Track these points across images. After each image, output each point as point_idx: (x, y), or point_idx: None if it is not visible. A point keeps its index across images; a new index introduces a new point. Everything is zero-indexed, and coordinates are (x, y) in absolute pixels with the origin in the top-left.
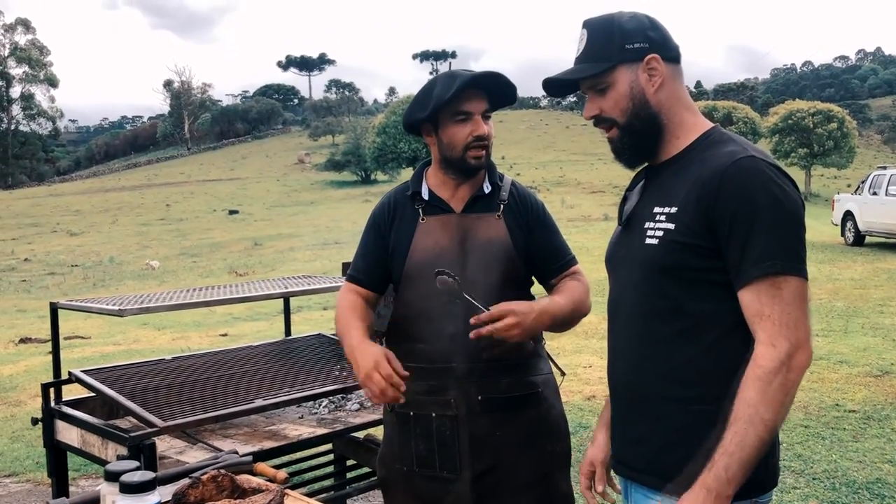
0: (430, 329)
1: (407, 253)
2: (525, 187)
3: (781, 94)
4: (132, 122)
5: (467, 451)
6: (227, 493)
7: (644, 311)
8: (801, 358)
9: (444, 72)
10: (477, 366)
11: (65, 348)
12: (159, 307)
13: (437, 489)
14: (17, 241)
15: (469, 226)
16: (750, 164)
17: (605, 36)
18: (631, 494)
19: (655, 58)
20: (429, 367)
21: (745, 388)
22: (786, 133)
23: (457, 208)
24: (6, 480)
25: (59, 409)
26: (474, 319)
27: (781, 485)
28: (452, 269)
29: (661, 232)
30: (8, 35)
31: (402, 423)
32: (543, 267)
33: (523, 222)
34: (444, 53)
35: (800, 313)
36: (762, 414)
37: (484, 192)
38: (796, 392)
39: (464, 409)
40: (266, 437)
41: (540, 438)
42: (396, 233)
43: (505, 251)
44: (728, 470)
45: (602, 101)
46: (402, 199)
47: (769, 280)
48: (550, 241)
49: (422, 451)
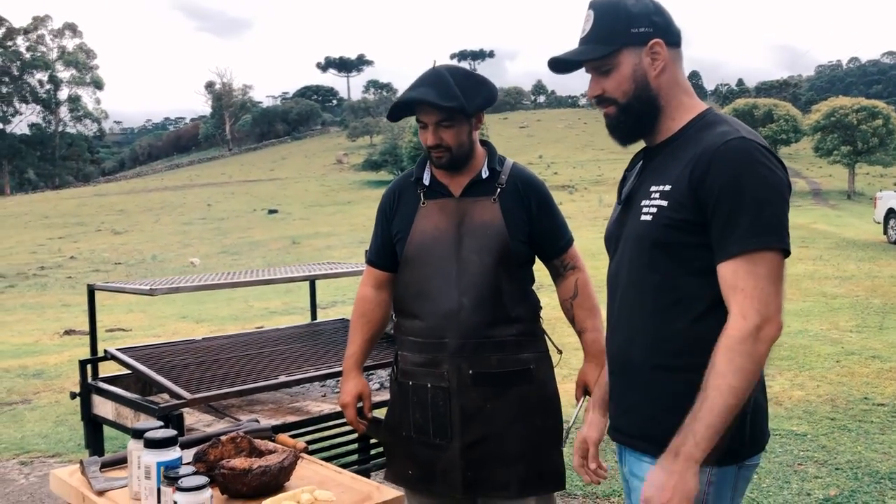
0: (426, 307)
1: (408, 236)
2: (527, 170)
3: (826, 92)
4: (175, 123)
5: (458, 421)
6: (246, 454)
7: (637, 284)
8: (770, 330)
9: (412, 83)
10: (468, 342)
11: (106, 339)
12: (188, 287)
13: (431, 455)
14: (63, 240)
15: (466, 209)
16: (739, 145)
17: (612, 19)
18: (626, 458)
19: (659, 42)
20: (424, 341)
21: (716, 357)
22: (828, 130)
23: (455, 192)
24: (50, 461)
25: (95, 385)
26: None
27: (803, 474)
28: (448, 251)
29: (654, 209)
30: (56, 39)
31: (402, 392)
32: (545, 247)
33: (523, 205)
34: (482, 53)
35: (772, 288)
36: (729, 381)
37: (482, 177)
38: (765, 362)
39: (455, 382)
40: (289, 412)
41: (531, 414)
42: (400, 216)
43: (499, 234)
44: (696, 434)
45: (605, 82)
46: (406, 185)
47: (747, 256)
48: (551, 223)
49: (418, 418)
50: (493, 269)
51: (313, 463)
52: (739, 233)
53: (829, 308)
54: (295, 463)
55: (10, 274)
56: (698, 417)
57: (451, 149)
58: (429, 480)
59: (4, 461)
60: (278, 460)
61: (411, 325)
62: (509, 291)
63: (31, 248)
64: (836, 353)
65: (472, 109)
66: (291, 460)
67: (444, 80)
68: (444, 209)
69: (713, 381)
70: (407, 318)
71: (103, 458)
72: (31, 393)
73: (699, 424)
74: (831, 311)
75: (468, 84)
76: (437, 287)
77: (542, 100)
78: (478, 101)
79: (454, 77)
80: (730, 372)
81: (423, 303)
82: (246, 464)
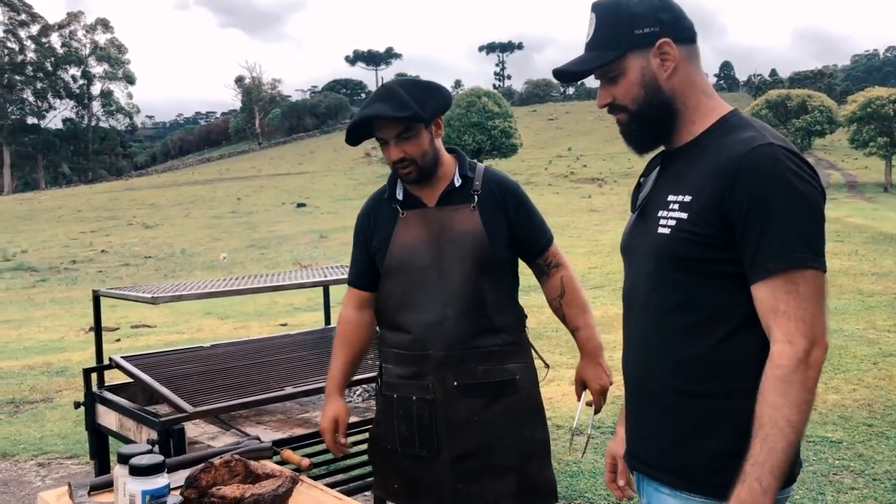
0: (409, 318)
1: (388, 247)
2: (500, 173)
3: (862, 82)
4: (206, 117)
5: (445, 433)
6: (240, 478)
7: (655, 303)
8: (819, 354)
9: (366, 101)
10: (453, 353)
11: (131, 336)
12: (191, 294)
13: (417, 467)
14: (95, 234)
15: (444, 219)
16: (768, 152)
17: (613, 21)
18: (644, 488)
19: (667, 42)
20: (409, 353)
21: (767, 390)
22: (864, 122)
23: (430, 204)
24: (67, 462)
25: (100, 394)
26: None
27: (838, 485)
28: (429, 261)
29: (673, 221)
30: (89, 35)
31: (387, 404)
32: (527, 249)
33: (501, 209)
34: (511, 45)
35: (816, 308)
36: (787, 416)
37: (455, 185)
38: (816, 389)
39: (440, 394)
40: (298, 424)
41: (519, 425)
42: (378, 232)
43: (479, 242)
44: (761, 481)
45: (614, 89)
46: (380, 203)
47: (786, 275)
48: (531, 223)
49: (403, 431)
50: (475, 278)
51: (313, 488)
52: (774, 250)
53: (865, 306)
54: (291, 490)
55: (42, 268)
56: (760, 461)
57: (416, 160)
58: (414, 494)
59: (23, 462)
60: (272, 488)
61: (394, 338)
62: (493, 300)
63: (63, 241)
64: (873, 355)
65: (428, 116)
66: (287, 487)
67: (395, 93)
68: (423, 219)
69: (768, 417)
70: (390, 331)
71: (92, 480)
72: (54, 391)
73: (764, 469)
74: (867, 310)
75: (420, 93)
76: (419, 298)
77: (571, 91)
78: (432, 106)
79: (405, 88)
80: (786, 406)
81: (406, 315)
82: (238, 492)
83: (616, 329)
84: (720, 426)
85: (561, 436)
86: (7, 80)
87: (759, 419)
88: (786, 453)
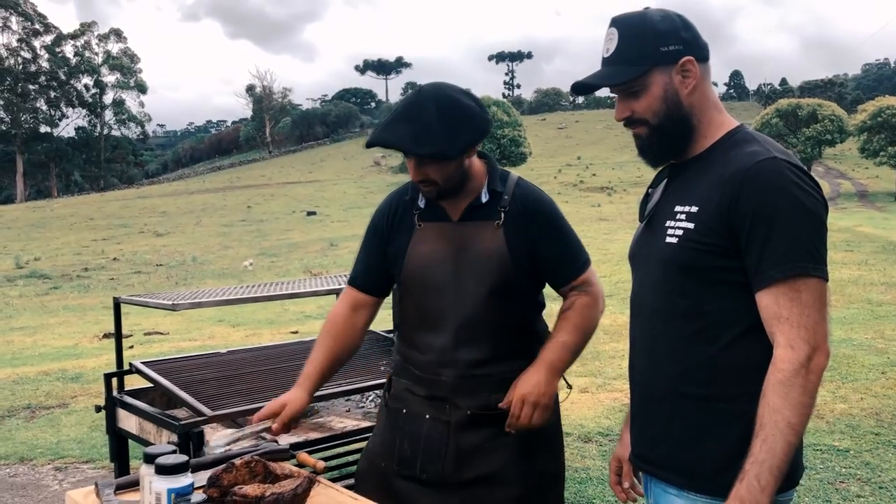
0: (422, 339)
1: (404, 260)
2: (533, 188)
3: (873, 91)
4: (216, 126)
5: (453, 459)
6: (260, 478)
7: (662, 310)
8: (820, 360)
9: (391, 114)
10: (466, 382)
11: (144, 343)
12: (210, 302)
13: (412, 490)
14: (107, 241)
15: (466, 235)
16: (771, 166)
17: (638, 38)
18: (651, 489)
19: (691, 60)
20: (422, 375)
21: (768, 392)
22: (875, 131)
23: (454, 217)
24: (84, 466)
25: (120, 398)
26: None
27: (844, 493)
28: (445, 280)
29: (680, 231)
30: (101, 44)
31: (392, 418)
32: (552, 275)
33: (526, 230)
34: (520, 54)
35: (818, 315)
36: (788, 418)
37: (481, 201)
38: (817, 393)
39: (455, 418)
40: (312, 428)
41: (531, 455)
42: (395, 238)
43: (500, 262)
44: (760, 479)
45: (635, 104)
46: (402, 205)
47: (788, 282)
48: (558, 248)
49: (406, 451)
50: (494, 300)
51: (329, 488)
52: (777, 258)
53: (874, 316)
54: (309, 489)
55: (54, 275)
56: (760, 460)
57: (437, 183)
58: None
59: (40, 466)
60: (292, 487)
61: (410, 356)
62: (512, 325)
63: (75, 249)
64: (882, 364)
65: (455, 153)
66: (306, 487)
67: (425, 116)
68: (441, 234)
69: (769, 418)
70: (406, 347)
71: (118, 480)
72: (69, 397)
73: (763, 468)
74: (876, 319)
75: (452, 121)
76: (433, 319)
77: (580, 101)
78: (462, 140)
79: (440, 109)
80: (786, 408)
81: (421, 335)
82: (258, 490)
83: (625, 338)
84: (725, 428)
85: (570, 443)
86: (21, 88)
87: (761, 420)
88: (785, 454)
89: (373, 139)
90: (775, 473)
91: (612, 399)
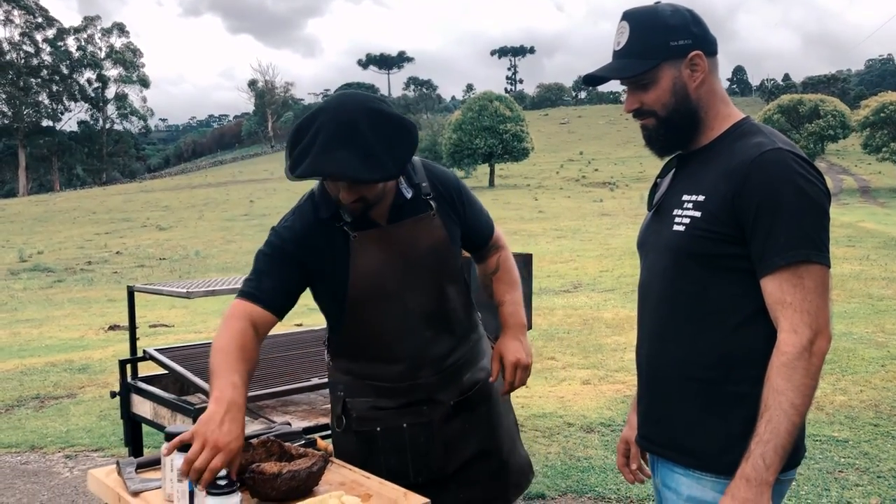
0: (388, 350)
1: (348, 276)
2: (438, 167)
3: (876, 87)
4: (218, 120)
5: (443, 453)
6: (276, 457)
7: (670, 295)
8: (822, 343)
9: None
10: (444, 376)
11: (150, 335)
12: (224, 290)
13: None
14: (110, 235)
15: (407, 235)
16: (776, 157)
17: (649, 31)
18: (658, 469)
19: (699, 54)
20: (394, 385)
21: (772, 375)
22: (878, 126)
23: (380, 220)
24: (93, 455)
25: (134, 385)
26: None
27: (843, 482)
28: (399, 284)
29: (687, 219)
30: (105, 38)
31: (365, 440)
32: (474, 240)
33: (452, 209)
34: (522, 49)
35: (821, 301)
36: (791, 399)
37: (405, 197)
38: (819, 376)
39: (436, 415)
40: (322, 414)
41: (500, 415)
42: (323, 261)
43: (447, 249)
44: (765, 457)
45: (644, 96)
46: (318, 225)
47: (792, 269)
48: (474, 212)
49: (393, 464)
50: (447, 290)
51: (343, 467)
52: (781, 246)
53: (874, 310)
54: (324, 468)
55: (58, 269)
56: (765, 440)
57: (368, 200)
58: None
59: (51, 454)
60: (307, 465)
61: (371, 371)
62: (462, 306)
63: (78, 243)
64: (881, 358)
65: (398, 172)
66: (321, 465)
67: (361, 138)
68: (381, 240)
69: (773, 400)
70: (361, 363)
71: (139, 458)
72: (77, 387)
73: (767, 447)
74: (877, 314)
75: (388, 140)
76: (396, 326)
77: (583, 95)
78: (401, 158)
79: (373, 128)
80: (790, 389)
81: (384, 346)
82: (276, 468)
83: (627, 331)
84: (730, 410)
85: (573, 433)
86: (23, 82)
87: (765, 402)
88: (789, 434)
89: (306, 170)
90: (780, 453)
91: (614, 391)
